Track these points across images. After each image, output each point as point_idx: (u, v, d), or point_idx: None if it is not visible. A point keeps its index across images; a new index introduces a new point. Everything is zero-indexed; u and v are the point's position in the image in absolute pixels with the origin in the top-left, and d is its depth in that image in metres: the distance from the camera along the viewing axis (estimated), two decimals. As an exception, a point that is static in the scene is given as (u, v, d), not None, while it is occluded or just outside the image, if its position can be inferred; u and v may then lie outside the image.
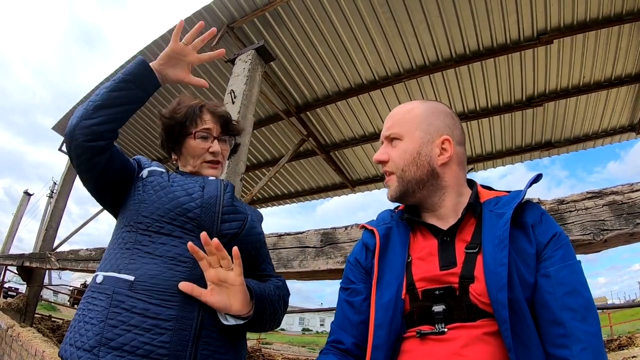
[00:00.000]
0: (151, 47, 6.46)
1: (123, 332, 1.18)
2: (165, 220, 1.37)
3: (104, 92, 1.40)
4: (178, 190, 1.44)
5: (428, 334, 1.09)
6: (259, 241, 1.59)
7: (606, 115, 7.05)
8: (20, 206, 16.60)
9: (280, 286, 1.57)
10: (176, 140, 1.67)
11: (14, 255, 10.45)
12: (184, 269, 1.31)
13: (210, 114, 1.68)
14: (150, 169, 1.54)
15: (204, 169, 1.65)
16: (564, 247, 1.10)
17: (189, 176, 1.60)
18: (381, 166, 1.40)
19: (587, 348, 0.94)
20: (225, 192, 1.54)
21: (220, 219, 1.44)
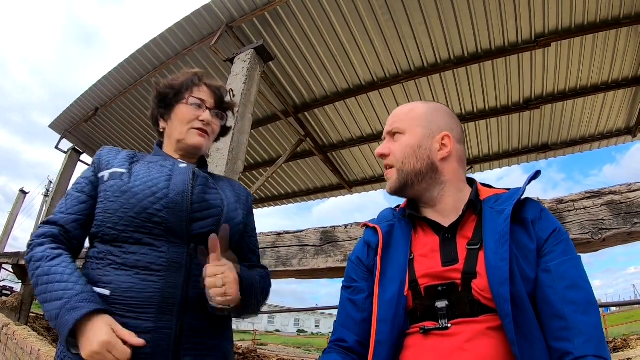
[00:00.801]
0: (149, 45, 6.46)
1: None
2: (131, 229, 1.32)
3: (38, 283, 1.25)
4: (141, 192, 1.35)
5: (431, 330, 1.09)
6: (239, 232, 1.52)
7: (603, 118, 7.07)
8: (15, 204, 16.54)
9: (264, 276, 1.54)
10: (168, 104, 1.63)
11: (9, 254, 10.40)
12: (157, 278, 1.27)
13: (206, 86, 1.65)
14: (111, 172, 1.44)
15: (190, 135, 1.57)
16: (563, 242, 1.12)
17: (161, 160, 1.55)
18: (382, 162, 1.42)
19: (590, 340, 0.95)
20: (196, 185, 1.46)
21: (190, 217, 1.37)
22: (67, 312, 1.14)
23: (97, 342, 1.12)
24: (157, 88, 1.65)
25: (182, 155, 1.61)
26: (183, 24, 5.90)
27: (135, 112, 8.15)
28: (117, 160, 1.49)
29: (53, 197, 9.24)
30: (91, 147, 9.75)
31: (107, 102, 7.94)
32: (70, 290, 1.19)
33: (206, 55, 6.35)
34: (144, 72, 6.98)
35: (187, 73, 1.66)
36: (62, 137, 9.30)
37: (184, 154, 1.61)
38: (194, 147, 1.58)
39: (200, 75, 1.67)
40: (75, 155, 9.62)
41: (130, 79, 7.24)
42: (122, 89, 7.51)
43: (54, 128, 9.33)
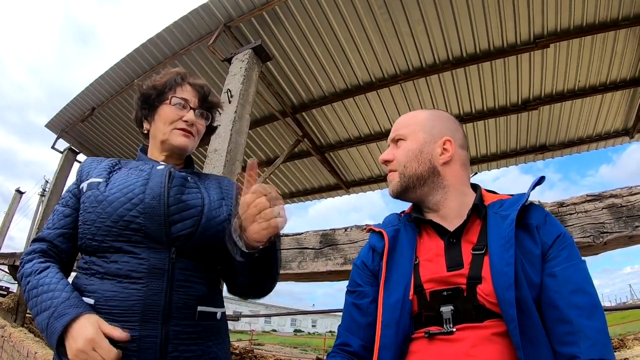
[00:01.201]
0: (146, 45, 6.44)
1: None
2: (110, 238, 1.30)
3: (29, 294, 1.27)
4: (116, 200, 1.33)
5: (436, 335, 1.10)
6: (224, 228, 1.42)
7: (600, 120, 7.09)
8: (12, 204, 16.49)
9: None
10: (151, 105, 1.62)
11: (5, 254, 10.37)
12: (139, 286, 1.25)
13: (190, 85, 1.64)
14: (89, 182, 1.44)
15: (174, 136, 1.55)
16: (568, 247, 1.13)
17: (142, 164, 1.54)
18: (380, 162, 1.44)
19: (595, 344, 0.96)
20: (172, 186, 1.41)
21: (168, 221, 1.34)
22: (54, 320, 1.15)
23: (82, 339, 1.11)
24: (140, 89, 1.65)
25: (168, 156, 1.60)
26: (181, 24, 5.88)
27: (132, 112, 8.00)
28: (96, 170, 1.49)
29: (49, 197, 9.19)
30: (87, 147, 9.72)
31: (104, 101, 7.90)
32: (57, 298, 1.19)
33: (204, 55, 6.32)
34: (141, 72, 6.95)
35: (170, 73, 1.65)
36: (59, 136, 9.26)
37: (169, 154, 1.60)
38: (178, 148, 1.57)
39: (183, 74, 1.66)
40: (72, 155, 9.58)
41: (127, 78, 7.21)
42: (119, 88, 7.48)
43: (50, 128, 9.29)
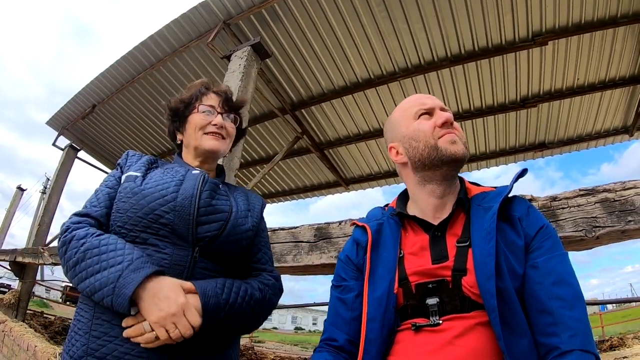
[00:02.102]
0: (146, 42, 6.45)
1: (105, 343, 1.22)
2: (139, 229, 1.35)
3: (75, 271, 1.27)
4: (150, 194, 1.39)
5: (423, 326, 1.11)
6: (247, 238, 1.52)
7: (600, 117, 7.08)
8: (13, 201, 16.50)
9: (269, 285, 1.50)
10: (181, 117, 1.70)
11: (6, 250, 10.40)
12: None
13: (214, 93, 1.72)
14: (127, 174, 1.52)
15: (205, 140, 1.62)
16: (551, 239, 1.14)
17: (177, 166, 1.60)
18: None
19: (576, 335, 0.96)
20: (204, 190, 1.48)
21: (196, 221, 1.39)
22: (131, 272, 1.18)
23: (175, 303, 1.17)
24: (169, 105, 1.73)
25: (202, 161, 1.67)
26: (180, 21, 5.88)
27: (133, 109, 8.13)
28: (136, 164, 1.58)
29: (50, 194, 9.21)
30: (88, 144, 9.73)
31: (105, 99, 7.91)
32: (130, 255, 1.23)
33: (203, 52, 6.33)
34: (141, 69, 6.97)
35: (194, 85, 1.74)
36: (60, 134, 9.27)
37: (203, 159, 1.67)
38: (210, 151, 1.64)
39: (206, 84, 1.74)
40: (73, 152, 9.59)
41: (128, 75, 7.22)
42: (120, 85, 7.49)
43: (51, 125, 9.30)
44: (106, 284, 1.17)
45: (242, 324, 1.37)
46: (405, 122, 1.38)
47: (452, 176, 1.32)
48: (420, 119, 1.34)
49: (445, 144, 1.27)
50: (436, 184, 1.31)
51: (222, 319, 1.28)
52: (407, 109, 1.40)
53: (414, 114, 1.36)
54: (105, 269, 1.19)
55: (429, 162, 1.29)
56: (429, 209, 1.31)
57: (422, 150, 1.30)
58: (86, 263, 1.23)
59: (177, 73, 6.89)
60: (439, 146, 1.27)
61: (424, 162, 1.30)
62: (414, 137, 1.33)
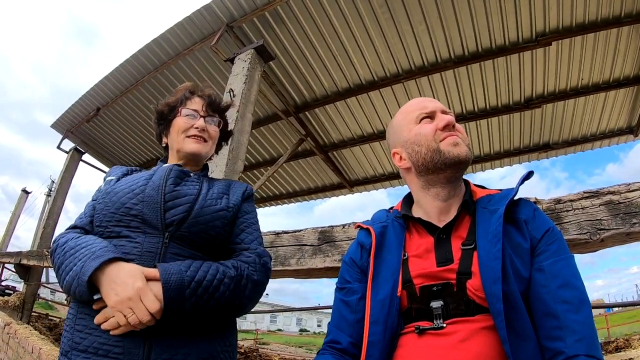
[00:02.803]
0: (150, 45, 6.48)
1: (86, 336, 1.26)
2: (112, 224, 1.41)
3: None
4: (121, 190, 1.46)
5: (427, 330, 1.10)
6: (220, 218, 1.51)
7: (604, 118, 7.06)
8: (18, 204, 16.57)
9: (247, 262, 1.46)
10: (166, 120, 1.75)
11: (11, 253, 10.43)
12: None
13: (198, 97, 1.76)
14: (105, 180, 1.60)
15: (187, 143, 1.67)
16: (557, 242, 1.12)
17: (155, 168, 1.64)
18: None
19: (582, 339, 0.95)
20: (169, 177, 1.52)
21: (164, 208, 1.42)
22: (91, 261, 1.22)
23: (131, 287, 1.19)
24: (156, 108, 1.79)
25: (185, 163, 1.70)
26: (184, 24, 5.91)
27: (137, 112, 8.16)
28: (115, 172, 1.65)
29: (55, 196, 9.25)
30: (93, 147, 9.78)
31: (109, 102, 7.95)
32: (95, 247, 1.28)
33: (207, 55, 6.36)
34: (145, 72, 7.00)
35: (180, 90, 1.80)
36: (64, 137, 9.33)
37: (186, 162, 1.71)
38: (191, 154, 1.68)
39: (192, 88, 1.79)
40: (77, 155, 9.64)
41: (132, 78, 7.25)
42: (124, 88, 7.53)
43: (56, 128, 9.35)
44: (74, 277, 1.23)
45: (217, 305, 1.33)
46: (407, 127, 1.37)
47: (456, 178, 1.31)
48: (422, 123, 1.33)
49: (447, 146, 1.26)
50: (441, 187, 1.30)
51: (187, 298, 1.25)
52: (408, 113, 1.39)
53: (416, 118, 1.35)
54: (76, 264, 1.25)
55: (432, 166, 1.28)
56: (434, 212, 1.30)
57: (425, 154, 1.29)
58: (65, 264, 1.30)
59: (181, 76, 6.90)
60: (441, 149, 1.26)
61: (427, 165, 1.29)
62: (416, 141, 1.32)
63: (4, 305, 8.10)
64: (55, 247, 1.39)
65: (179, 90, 1.79)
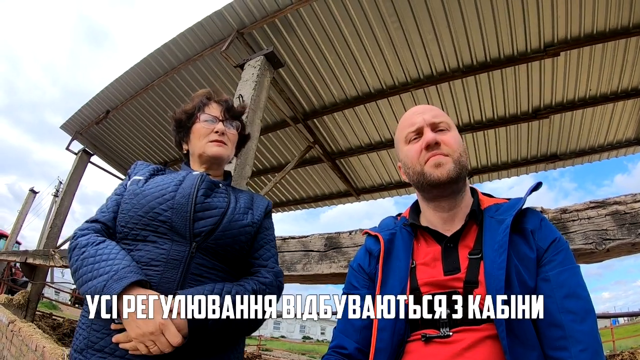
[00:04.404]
0: (161, 50, 6.53)
1: (103, 336, 1.28)
2: (139, 227, 1.42)
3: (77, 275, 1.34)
4: (150, 194, 1.47)
5: (433, 338, 1.11)
6: (245, 233, 1.55)
7: (612, 128, 7.03)
8: (25, 204, 16.63)
9: (266, 283, 1.49)
10: (185, 127, 1.79)
11: (17, 252, 10.50)
12: (155, 273, 1.35)
13: (215, 102, 1.81)
14: (132, 179, 1.61)
15: (208, 147, 1.70)
16: (563, 252, 1.13)
17: (180, 172, 1.68)
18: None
19: (586, 349, 0.96)
20: (200, 188, 1.54)
21: (193, 217, 1.44)
22: (114, 282, 1.22)
23: (153, 322, 1.19)
24: (173, 116, 1.83)
25: (207, 167, 1.74)
26: (194, 29, 5.95)
27: (146, 116, 8.21)
28: (141, 171, 1.66)
29: (63, 197, 9.30)
30: (101, 149, 9.82)
31: (119, 105, 8.00)
32: (117, 265, 1.27)
33: (217, 60, 6.40)
34: (155, 77, 7.05)
35: (196, 97, 1.84)
36: (73, 138, 9.38)
37: (208, 166, 1.74)
38: (214, 157, 1.72)
39: (208, 95, 1.84)
40: (86, 156, 9.69)
41: (142, 82, 7.30)
42: (134, 92, 7.57)
43: (65, 129, 9.40)
44: (95, 292, 1.23)
45: (237, 329, 1.39)
46: (400, 146, 1.41)
47: (450, 193, 1.31)
48: (410, 143, 1.36)
49: (429, 168, 1.27)
50: (440, 201, 1.32)
51: (210, 328, 1.29)
52: (400, 131, 1.42)
53: (404, 138, 1.37)
54: (96, 278, 1.26)
55: (420, 187, 1.32)
56: (439, 222, 1.32)
57: (412, 175, 1.33)
58: (82, 271, 1.31)
59: (191, 81, 6.95)
60: (424, 172, 1.28)
61: (417, 186, 1.34)
62: (406, 163, 1.36)
63: (8, 303, 8.15)
64: (75, 246, 1.39)
65: (196, 97, 1.82)
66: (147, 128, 8.62)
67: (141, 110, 8.06)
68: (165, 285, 1.33)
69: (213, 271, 1.44)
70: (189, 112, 1.78)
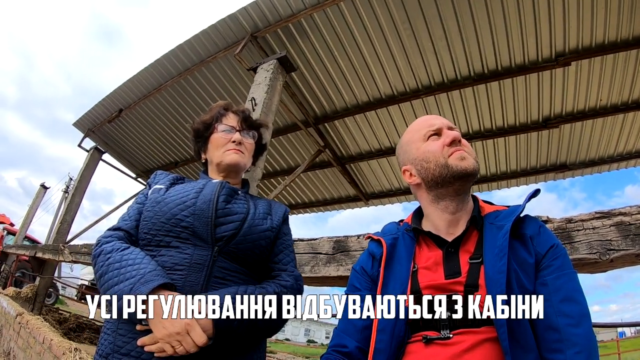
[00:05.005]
0: (175, 51, 6.60)
1: (129, 340, 1.31)
2: (162, 233, 1.46)
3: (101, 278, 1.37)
4: (172, 201, 1.52)
5: (434, 339, 1.14)
6: (265, 238, 1.59)
7: (622, 139, 6.97)
8: (36, 198, 16.74)
9: (287, 286, 1.54)
10: (203, 137, 1.83)
11: (27, 246, 10.60)
12: (179, 277, 1.38)
13: (232, 113, 1.85)
14: (153, 188, 1.66)
15: (226, 156, 1.74)
16: (561, 257, 1.16)
17: (200, 180, 1.72)
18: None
19: (581, 351, 0.98)
20: (221, 194, 1.58)
21: (214, 222, 1.48)
22: (141, 285, 1.25)
23: (179, 323, 1.22)
24: (192, 127, 1.88)
25: (225, 176, 1.78)
26: (208, 32, 6.01)
27: (158, 116, 8.28)
28: (162, 180, 1.71)
29: (74, 193, 9.38)
30: (113, 148, 9.92)
31: (131, 104, 8.08)
32: (144, 269, 1.31)
33: (230, 63, 6.45)
34: (169, 77, 7.11)
35: (214, 108, 1.88)
36: (85, 135, 9.48)
37: (226, 174, 1.78)
38: (231, 165, 1.75)
39: (225, 106, 1.88)
40: (97, 154, 9.79)
41: (155, 82, 7.37)
42: (146, 92, 7.65)
43: (77, 126, 9.50)
44: (120, 295, 1.26)
45: (259, 331, 1.43)
46: (416, 145, 1.43)
47: (465, 191, 1.36)
48: (429, 140, 1.39)
49: (455, 161, 1.31)
50: (449, 200, 1.35)
51: (235, 329, 1.33)
52: (416, 131, 1.46)
53: (423, 136, 1.41)
54: (122, 282, 1.29)
55: (441, 180, 1.33)
56: (443, 225, 1.35)
57: (434, 169, 1.34)
58: (108, 276, 1.33)
59: (204, 83, 7.02)
60: (449, 164, 1.31)
61: (436, 180, 1.35)
62: (425, 158, 1.38)
63: (16, 295, 8.23)
64: (99, 252, 1.42)
65: (213, 109, 1.88)
66: (159, 128, 8.69)
67: (154, 110, 8.13)
68: (189, 288, 1.36)
69: (235, 274, 1.48)
70: (206, 123, 1.83)
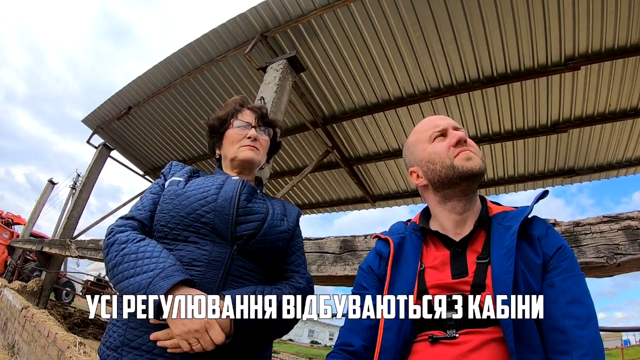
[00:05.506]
0: (185, 49, 6.64)
1: (141, 334, 1.29)
2: (181, 227, 1.44)
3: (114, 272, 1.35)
4: (193, 196, 1.50)
5: (440, 339, 1.14)
6: (282, 239, 1.59)
7: (631, 145, 6.92)
8: (44, 194, 16.83)
9: (300, 288, 1.54)
10: (218, 133, 1.82)
11: (34, 240, 10.67)
12: (197, 273, 1.36)
13: (248, 109, 1.85)
14: (171, 179, 1.63)
15: (241, 152, 1.72)
16: (568, 259, 1.16)
17: (217, 175, 1.71)
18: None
19: (587, 354, 0.98)
20: (242, 192, 1.57)
21: (235, 221, 1.47)
22: (161, 280, 1.23)
23: (198, 321, 1.21)
24: (207, 123, 1.87)
25: (239, 172, 1.76)
26: (218, 31, 6.05)
27: (167, 114, 8.33)
28: (179, 172, 1.69)
29: (81, 189, 9.45)
30: (121, 145, 9.98)
31: (140, 101, 8.14)
32: (163, 263, 1.29)
33: (240, 62, 6.48)
34: (178, 75, 7.16)
35: (229, 104, 1.87)
36: (94, 132, 9.55)
37: (240, 170, 1.76)
38: (246, 161, 1.74)
39: (241, 102, 1.88)
40: (106, 151, 9.87)
41: (164, 80, 7.42)
42: (156, 89, 7.70)
43: (86, 123, 9.57)
44: (138, 289, 1.24)
45: (274, 331, 1.44)
46: (421, 146, 1.44)
47: (472, 191, 1.36)
48: (435, 141, 1.39)
49: (461, 161, 1.31)
50: (457, 200, 1.35)
51: (252, 328, 1.33)
52: (421, 132, 1.46)
53: (429, 137, 1.41)
54: (139, 275, 1.26)
55: (447, 181, 1.33)
56: (450, 226, 1.35)
57: (440, 171, 1.34)
58: (123, 267, 1.31)
59: (213, 82, 7.05)
60: (455, 165, 1.31)
61: (443, 181, 1.34)
62: (431, 160, 1.38)
63: (22, 289, 8.28)
64: (113, 241, 1.40)
65: (229, 104, 1.86)
66: (168, 126, 8.73)
67: (162, 108, 8.17)
68: (207, 285, 1.35)
69: (252, 273, 1.48)
70: (222, 119, 1.82)
